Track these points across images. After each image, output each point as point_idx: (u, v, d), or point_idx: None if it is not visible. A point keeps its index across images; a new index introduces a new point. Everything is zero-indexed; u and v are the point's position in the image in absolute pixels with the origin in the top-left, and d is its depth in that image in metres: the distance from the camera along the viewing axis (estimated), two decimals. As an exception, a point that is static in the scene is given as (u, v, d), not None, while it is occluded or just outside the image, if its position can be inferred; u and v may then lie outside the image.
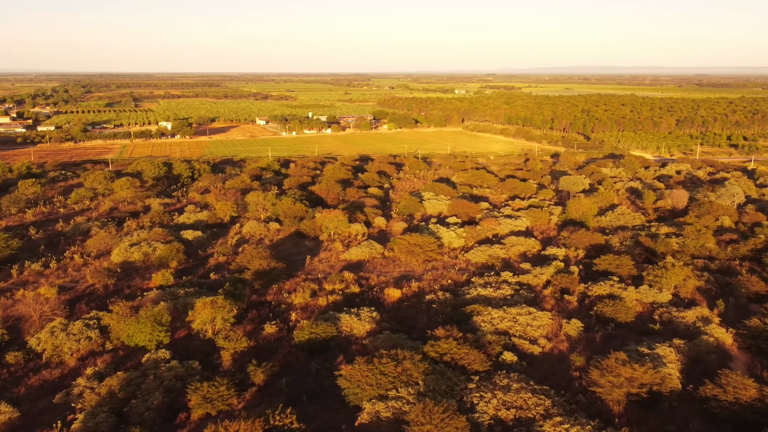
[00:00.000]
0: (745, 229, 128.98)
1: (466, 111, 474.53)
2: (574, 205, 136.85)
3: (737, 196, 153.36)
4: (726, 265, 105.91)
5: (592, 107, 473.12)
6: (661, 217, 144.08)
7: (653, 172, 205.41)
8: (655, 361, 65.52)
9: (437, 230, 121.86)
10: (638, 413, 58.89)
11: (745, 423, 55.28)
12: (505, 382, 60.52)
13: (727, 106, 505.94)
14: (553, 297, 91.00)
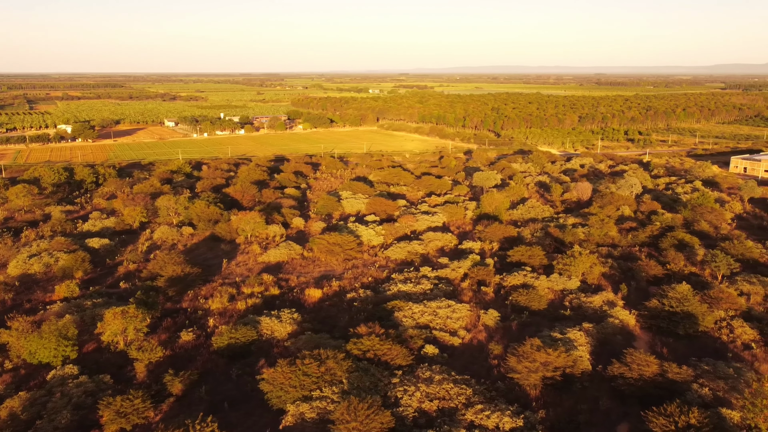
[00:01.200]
0: (643, 217, 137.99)
1: (380, 110, 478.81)
2: (488, 200, 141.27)
3: (635, 187, 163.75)
4: (627, 251, 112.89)
5: (501, 105, 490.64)
6: (568, 209, 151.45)
7: (559, 166, 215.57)
8: (567, 345, 68.80)
9: (356, 229, 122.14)
10: (553, 395, 61.62)
11: (649, 397, 59.08)
12: (427, 374, 61.55)
13: (623, 103, 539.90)
14: (471, 289, 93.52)
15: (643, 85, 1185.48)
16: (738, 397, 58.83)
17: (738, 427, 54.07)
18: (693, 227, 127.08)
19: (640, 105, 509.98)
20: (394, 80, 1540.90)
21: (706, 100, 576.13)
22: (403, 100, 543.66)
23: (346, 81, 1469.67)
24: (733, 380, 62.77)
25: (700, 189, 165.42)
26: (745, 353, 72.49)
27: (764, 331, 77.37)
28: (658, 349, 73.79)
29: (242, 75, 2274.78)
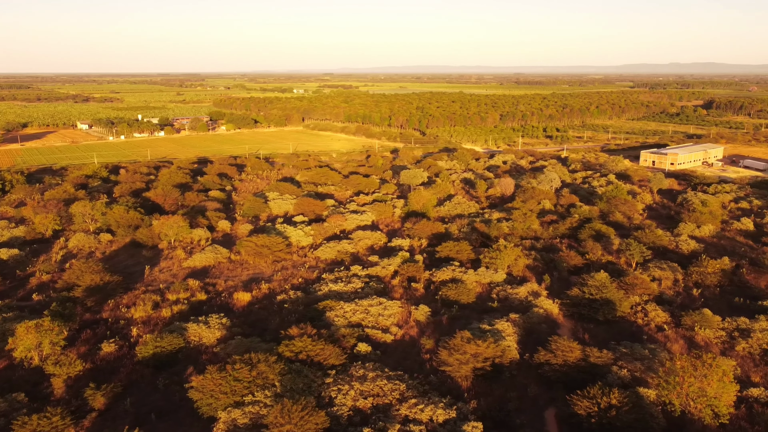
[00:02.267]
0: (562, 210, 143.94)
1: (306, 110, 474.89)
2: (415, 198, 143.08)
3: (554, 182, 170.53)
4: (549, 243, 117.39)
5: (425, 104, 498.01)
6: (492, 204, 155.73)
7: (483, 163, 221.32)
8: (495, 336, 70.72)
9: (285, 230, 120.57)
10: (484, 385, 63.17)
11: (574, 382, 61.63)
12: (361, 372, 61.60)
13: (541, 101, 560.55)
14: (402, 286, 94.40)
15: (559, 84, 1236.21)
16: (653, 376, 62.48)
17: (654, 404, 57.34)
18: (609, 218, 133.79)
19: (557, 103, 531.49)
20: (319, 80, 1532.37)
21: (617, 98, 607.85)
22: (329, 100, 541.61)
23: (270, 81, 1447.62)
24: (649, 361, 66.57)
25: (614, 182, 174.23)
26: (658, 335, 77.00)
27: (675, 314, 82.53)
28: (580, 335, 77.16)
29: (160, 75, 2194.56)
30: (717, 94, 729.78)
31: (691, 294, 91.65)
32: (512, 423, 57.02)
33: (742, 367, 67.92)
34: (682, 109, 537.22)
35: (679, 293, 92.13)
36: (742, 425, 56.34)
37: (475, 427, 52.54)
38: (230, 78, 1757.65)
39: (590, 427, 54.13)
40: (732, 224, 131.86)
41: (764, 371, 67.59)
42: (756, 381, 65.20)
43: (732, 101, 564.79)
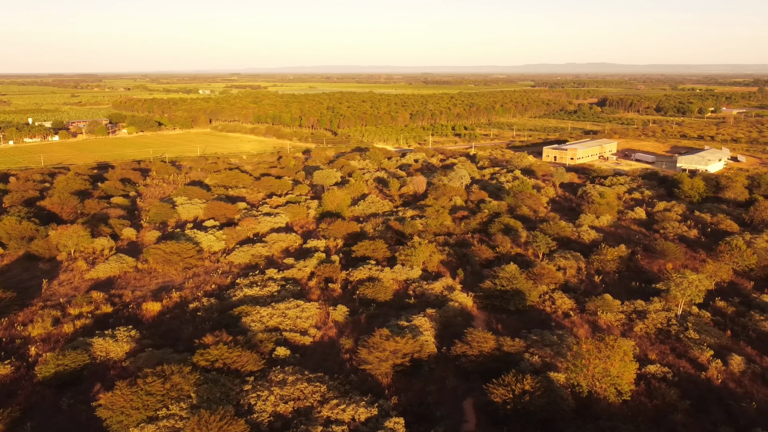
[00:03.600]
0: (473, 206, 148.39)
1: (213, 111, 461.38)
2: (329, 198, 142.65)
3: (464, 178, 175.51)
4: (462, 238, 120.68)
5: (336, 104, 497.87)
6: (406, 202, 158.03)
7: (395, 161, 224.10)
8: (413, 332, 71.81)
9: (195, 235, 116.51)
10: (404, 381, 64.00)
11: (489, 371, 63.67)
12: (280, 377, 60.64)
13: (449, 100, 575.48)
14: (319, 287, 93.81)
15: (465, 83, 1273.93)
16: (562, 360, 65.80)
17: (564, 387, 60.38)
18: (516, 212, 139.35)
19: (464, 102, 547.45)
20: (226, 80, 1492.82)
21: (519, 97, 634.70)
22: (237, 101, 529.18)
23: (174, 81, 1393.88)
24: (558, 346, 69.99)
25: (519, 177, 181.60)
26: (565, 321, 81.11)
27: (579, 300, 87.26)
28: (494, 325, 79.89)
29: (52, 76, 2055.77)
30: (609, 93, 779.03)
31: (593, 281, 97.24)
32: (432, 415, 58.15)
33: (640, 347, 72.80)
34: (579, 107, 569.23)
35: (582, 280, 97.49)
36: (642, 400, 60.41)
37: (396, 423, 53.08)
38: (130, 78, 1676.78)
39: (506, 413, 56.16)
40: (627, 214, 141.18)
41: (659, 349, 72.83)
42: (652, 358, 70.12)
43: (623, 99, 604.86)
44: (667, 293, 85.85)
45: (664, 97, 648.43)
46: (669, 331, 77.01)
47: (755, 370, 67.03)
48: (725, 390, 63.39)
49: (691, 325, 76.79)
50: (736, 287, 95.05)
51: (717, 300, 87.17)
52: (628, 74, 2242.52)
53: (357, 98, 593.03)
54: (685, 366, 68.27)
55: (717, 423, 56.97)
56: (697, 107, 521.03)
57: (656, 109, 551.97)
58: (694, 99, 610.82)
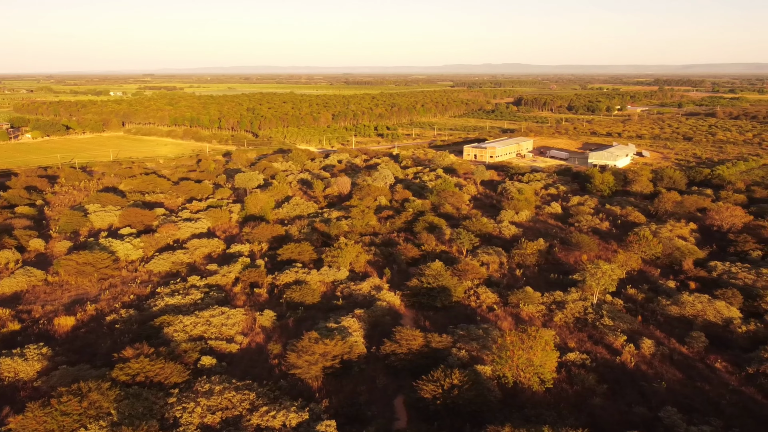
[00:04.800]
0: (397, 205, 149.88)
1: (126, 114, 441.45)
2: (252, 201, 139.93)
3: (388, 178, 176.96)
4: (388, 237, 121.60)
5: (256, 105, 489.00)
6: (331, 203, 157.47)
7: (319, 162, 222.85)
8: (342, 333, 71.67)
9: (110, 244, 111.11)
10: (334, 383, 63.75)
11: (418, 368, 64.50)
12: (207, 387, 58.90)
13: (371, 101, 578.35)
14: (244, 293, 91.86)
15: (386, 84, 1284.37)
16: (488, 353, 67.69)
17: (490, 379, 62.10)
18: (440, 210, 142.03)
19: (385, 102, 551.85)
20: (139, 81, 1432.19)
21: (439, 97, 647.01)
22: (151, 103, 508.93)
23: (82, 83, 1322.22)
24: (483, 339, 71.92)
25: (442, 176, 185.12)
26: (490, 315, 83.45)
27: (502, 294, 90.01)
28: (422, 323, 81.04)
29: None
30: (524, 92, 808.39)
31: (514, 274, 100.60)
32: (364, 416, 58.26)
33: (560, 336, 76.03)
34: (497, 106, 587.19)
35: (504, 275, 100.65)
36: (563, 387, 63.11)
37: (328, 426, 52.80)
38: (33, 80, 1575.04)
39: (436, 408, 57.10)
40: (544, 209, 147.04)
41: (578, 337, 76.35)
42: (572, 346, 73.40)
43: (537, 98, 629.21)
44: (583, 283, 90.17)
45: (575, 96, 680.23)
46: (586, 319, 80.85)
47: (664, 352, 71.54)
48: (638, 372, 67.27)
49: (606, 313, 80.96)
50: (644, 275, 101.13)
51: (628, 288, 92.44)
52: (541, 74, 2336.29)
53: (278, 99, 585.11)
54: (602, 352, 71.91)
55: (632, 404, 60.35)
56: (605, 106, 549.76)
57: (568, 107, 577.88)
58: (602, 98, 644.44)
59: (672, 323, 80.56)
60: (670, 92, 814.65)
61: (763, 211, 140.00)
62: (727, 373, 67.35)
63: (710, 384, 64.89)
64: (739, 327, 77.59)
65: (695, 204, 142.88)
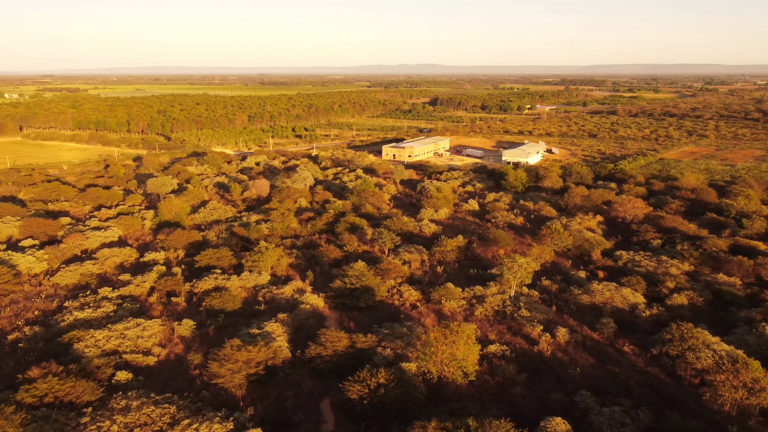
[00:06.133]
0: (318, 206, 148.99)
1: (24, 117, 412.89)
2: (166, 207, 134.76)
3: (308, 180, 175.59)
4: (309, 240, 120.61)
5: (168, 107, 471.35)
6: (249, 207, 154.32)
7: (236, 165, 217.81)
8: (266, 339, 70.41)
9: (10, 257, 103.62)
10: (259, 390, 62.51)
11: (344, 369, 64.40)
12: (123, 403, 56.12)
13: (288, 101, 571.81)
14: (161, 302, 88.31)
15: (303, 84, 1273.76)
16: (413, 350, 68.58)
17: (416, 375, 62.98)
18: (361, 210, 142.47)
19: (302, 103, 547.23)
20: (37, 82, 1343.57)
21: (357, 97, 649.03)
22: (53, 105, 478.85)
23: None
24: (408, 337, 72.81)
25: (362, 176, 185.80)
26: (413, 312, 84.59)
27: (425, 291, 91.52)
28: (346, 323, 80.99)
29: None
30: (440, 92, 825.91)
31: (436, 271, 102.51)
32: (291, 421, 57.52)
33: (481, 329, 78.23)
34: (413, 106, 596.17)
35: (426, 272, 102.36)
36: (486, 379, 65.00)
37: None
38: None
39: (363, 408, 57.21)
40: (462, 206, 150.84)
41: (498, 329, 78.84)
42: (492, 339, 75.71)
43: (452, 98, 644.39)
44: (501, 277, 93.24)
45: (488, 96, 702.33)
46: (505, 311, 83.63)
47: (577, 339, 75.21)
48: (554, 360, 70.35)
49: (523, 305, 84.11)
50: (557, 266, 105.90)
51: (543, 279, 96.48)
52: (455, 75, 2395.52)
53: (190, 100, 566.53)
54: (521, 342, 74.64)
55: (550, 390, 63.02)
56: (516, 105, 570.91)
57: (482, 107, 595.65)
58: (514, 97, 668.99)
59: (584, 311, 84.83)
60: (575, 92, 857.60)
61: (661, 202, 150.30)
62: (634, 356, 71.71)
63: (620, 366, 68.86)
64: (643, 312, 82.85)
65: (601, 197, 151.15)
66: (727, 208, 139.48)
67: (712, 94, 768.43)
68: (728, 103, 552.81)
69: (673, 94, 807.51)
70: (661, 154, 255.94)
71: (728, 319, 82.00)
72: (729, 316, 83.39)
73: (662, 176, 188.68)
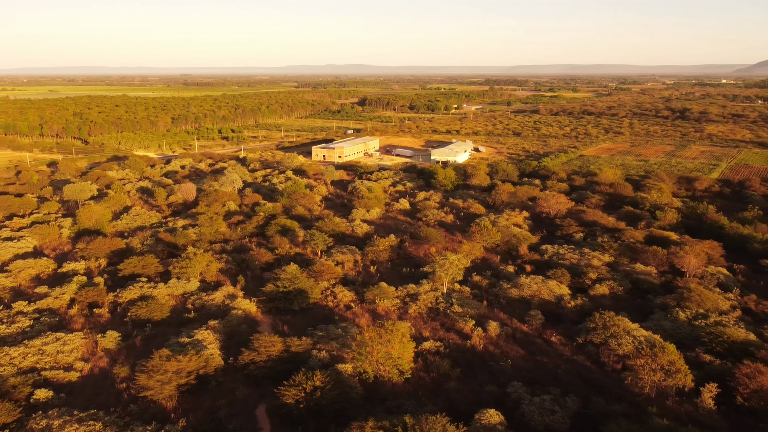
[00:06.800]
0: (248, 210, 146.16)
1: None
2: (86, 214, 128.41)
3: (236, 182, 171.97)
4: (239, 244, 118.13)
5: (84, 110, 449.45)
6: (176, 212, 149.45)
7: (160, 169, 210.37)
8: (197, 347, 68.40)
9: None
10: (191, 400, 60.64)
11: (280, 374, 63.40)
12: (43, 423, 53.08)
13: (213, 102, 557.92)
14: (82, 314, 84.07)
15: (228, 85, 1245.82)
16: (348, 351, 68.46)
17: (352, 376, 62.89)
18: (292, 212, 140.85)
19: (228, 104, 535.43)
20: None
21: (285, 98, 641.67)
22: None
23: None
24: (343, 338, 72.64)
25: (292, 178, 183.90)
26: (348, 313, 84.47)
27: (359, 291, 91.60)
28: (280, 327, 79.89)
29: None
30: (368, 93, 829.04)
31: (369, 271, 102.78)
32: (225, 430, 56.14)
33: (416, 326, 79.12)
34: (342, 107, 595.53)
35: (359, 272, 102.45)
36: (421, 375, 65.77)
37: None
38: None
39: (300, 412, 56.59)
40: (393, 205, 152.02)
41: (431, 326, 79.95)
42: (426, 335, 76.70)
43: (381, 98, 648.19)
44: (433, 275, 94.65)
45: (416, 96, 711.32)
46: (438, 308, 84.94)
47: (507, 332, 77.38)
48: (487, 353, 72.09)
49: (455, 301, 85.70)
50: (487, 262, 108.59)
51: (473, 275, 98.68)
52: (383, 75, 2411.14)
53: (109, 102, 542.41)
54: (454, 338, 76.03)
55: (483, 383, 64.52)
56: (443, 105, 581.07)
57: (410, 107, 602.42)
58: (441, 97, 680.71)
59: (513, 304, 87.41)
60: (499, 91, 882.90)
61: (582, 197, 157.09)
62: (562, 345, 74.55)
63: (548, 356, 71.40)
64: (568, 302, 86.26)
65: (526, 194, 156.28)
66: (642, 201, 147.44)
67: (626, 93, 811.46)
68: (640, 101, 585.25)
69: (590, 93, 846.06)
70: (581, 150, 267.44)
71: (646, 307, 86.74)
72: (646, 303, 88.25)
73: (582, 172, 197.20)
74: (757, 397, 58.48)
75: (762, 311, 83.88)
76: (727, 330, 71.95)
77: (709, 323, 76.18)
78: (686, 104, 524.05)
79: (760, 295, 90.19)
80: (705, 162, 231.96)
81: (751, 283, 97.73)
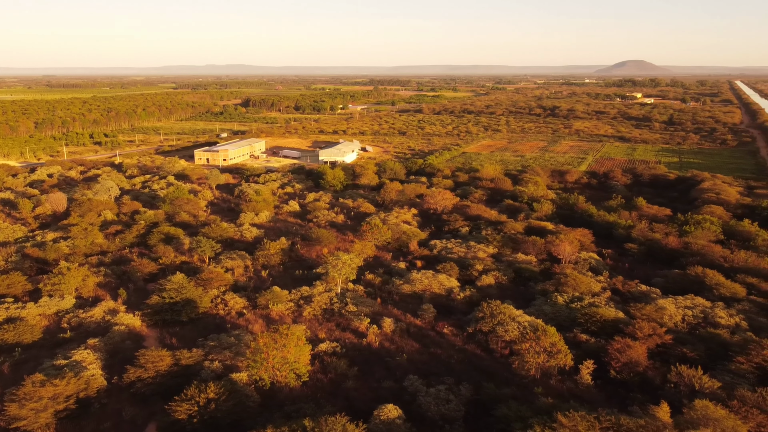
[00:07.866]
0: (126, 218, 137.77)
1: None
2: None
3: (113, 190, 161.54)
4: (119, 255, 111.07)
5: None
6: (44, 224, 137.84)
7: (23, 179, 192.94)
8: (75, 369, 63.51)
9: None
10: (72, 427, 56.23)
11: (170, 389, 60.35)
12: None
13: (82, 105, 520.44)
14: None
15: (99, 86, 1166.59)
16: (242, 359, 66.65)
17: (248, 384, 61.31)
18: (175, 219, 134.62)
19: (100, 107, 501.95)
20: None
21: (162, 100, 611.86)
22: None
23: None
24: (236, 346, 70.56)
25: (174, 183, 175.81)
26: (240, 320, 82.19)
27: (251, 297, 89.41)
28: (168, 341, 76.13)
29: None
30: (252, 93, 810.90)
31: (261, 276, 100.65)
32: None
33: (311, 329, 78.56)
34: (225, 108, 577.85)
35: (251, 278, 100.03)
36: (319, 377, 65.44)
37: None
38: None
39: (194, 427, 54.29)
40: (283, 208, 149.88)
41: (327, 327, 79.80)
42: (322, 337, 76.44)
43: (265, 99, 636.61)
44: (326, 275, 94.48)
45: (301, 96, 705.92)
46: (333, 309, 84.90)
47: (402, 327, 78.98)
48: (383, 350, 73.12)
49: (350, 300, 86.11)
50: (379, 260, 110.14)
51: (367, 274, 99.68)
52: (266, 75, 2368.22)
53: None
54: (350, 337, 76.36)
55: (380, 380, 65.39)
56: (329, 105, 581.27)
57: (295, 107, 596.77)
58: (326, 98, 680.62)
59: (406, 300, 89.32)
60: (384, 91, 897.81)
61: (466, 192, 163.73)
62: (453, 336, 77.28)
63: (441, 348, 73.73)
64: (458, 294, 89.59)
65: (414, 191, 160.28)
66: (521, 195, 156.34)
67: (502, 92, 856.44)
68: (515, 100, 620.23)
69: (469, 92, 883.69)
70: (463, 148, 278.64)
71: (528, 293, 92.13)
72: (528, 290, 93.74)
73: (466, 169, 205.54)
74: (627, 370, 64.24)
75: (628, 291, 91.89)
76: (600, 310, 78.10)
77: (584, 305, 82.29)
78: (556, 102, 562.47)
79: (626, 276, 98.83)
80: (574, 156, 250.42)
81: (617, 265, 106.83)
